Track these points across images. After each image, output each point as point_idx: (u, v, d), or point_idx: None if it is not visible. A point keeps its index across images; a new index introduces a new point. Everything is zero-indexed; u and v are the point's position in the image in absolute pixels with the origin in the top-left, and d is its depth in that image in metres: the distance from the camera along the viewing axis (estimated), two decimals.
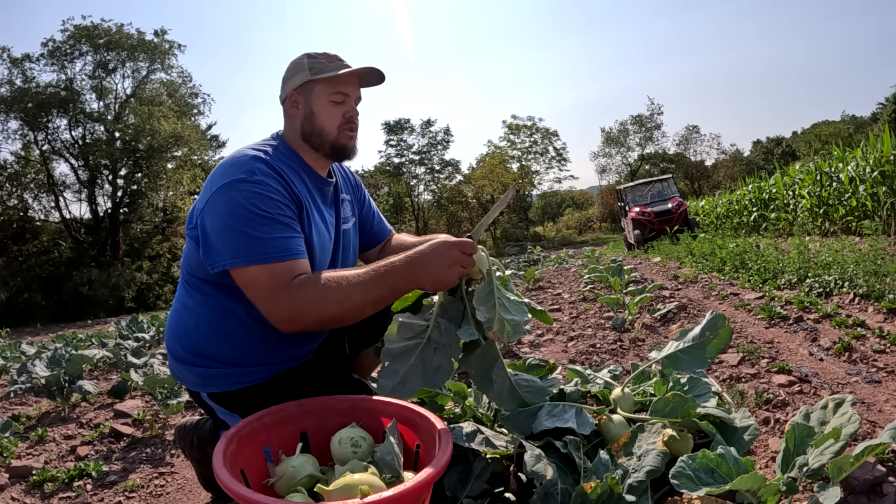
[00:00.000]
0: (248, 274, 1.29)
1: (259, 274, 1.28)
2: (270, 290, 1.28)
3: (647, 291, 3.86)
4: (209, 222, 1.33)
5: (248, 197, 1.30)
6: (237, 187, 1.31)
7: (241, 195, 1.30)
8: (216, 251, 1.31)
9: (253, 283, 1.29)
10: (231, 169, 1.35)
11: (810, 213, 10.39)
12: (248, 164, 1.36)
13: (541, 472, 1.13)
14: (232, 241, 1.29)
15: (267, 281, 1.28)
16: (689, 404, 1.31)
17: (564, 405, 1.37)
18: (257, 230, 1.29)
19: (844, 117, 48.43)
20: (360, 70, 1.48)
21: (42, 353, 4.53)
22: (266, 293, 1.28)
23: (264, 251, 1.28)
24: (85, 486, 1.89)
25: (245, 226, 1.28)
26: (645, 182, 16.40)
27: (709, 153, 51.20)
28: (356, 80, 1.51)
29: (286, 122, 1.54)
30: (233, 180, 1.32)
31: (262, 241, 1.28)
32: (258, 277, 1.28)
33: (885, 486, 1.18)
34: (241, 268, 1.29)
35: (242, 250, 1.28)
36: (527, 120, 45.67)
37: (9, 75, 21.77)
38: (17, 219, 22.17)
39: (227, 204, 1.30)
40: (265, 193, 1.32)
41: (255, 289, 1.30)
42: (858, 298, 3.21)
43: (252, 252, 1.28)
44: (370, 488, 0.99)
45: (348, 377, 1.59)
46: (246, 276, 1.30)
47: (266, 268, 1.28)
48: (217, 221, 1.31)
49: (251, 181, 1.32)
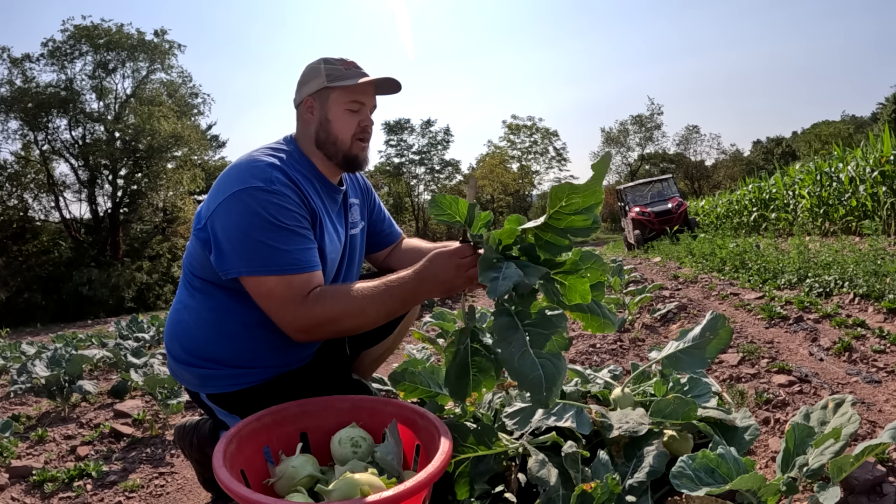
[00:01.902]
0: (265, 285, 1.29)
1: (276, 285, 1.28)
2: (287, 301, 1.28)
3: (647, 291, 3.86)
4: (222, 227, 1.31)
5: (266, 207, 1.29)
6: (254, 195, 1.30)
7: (259, 204, 1.29)
8: (230, 258, 1.30)
9: (269, 294, 1.29)
10: (247, 174, 1.33)
11: (810, 213, 10.39)
12: (266, 171, 1.34)
13: (545, 478, 1.13)
14: (248, 251, 1.28)
15: (284, 293, 1.28)
16: (689, 406, 1.30)
17: (565, 404, 1.37)
18: (276, 241, 1.28)
19: (844, 117, 48.41)
20: (378, 79, 1.48)
21: (42, 353, 4.53)
22: (283, 304, 1.28)
23: (284, 262, 1.28)
24: (85, 486, 1.89)
25: (263, 236, 1.28)
26: (645, 182, 16.41)
27: (709, 153, 51.22)
28: (372, 88, 1.51)
29: (300, 126, 1.53)
30: (249, 187, 1.31)
31: (280, 253, 1.28)
32: (275, 289, 1.28)
33: (885, 486, 1.18)
34: (256, 277, 1.29)
35: (259, 260, 1.27)
36: (527, 120, 45.71)
37: (9, 75, 21.75)
38: (17, 219, 22.16)
39: (244, 212, 1.29)
40: (283, 204, 1.31)
41: (270, 300, 1.29)
42: (858, 298, 3.21)
43: (271, 263, 1.27)
44: (370, 488, 0.99)
45: (348, 377, 1.59)
46: (262, 287, 1.29)
47: (284, 279, 1.28)
48: (232, 228, 1.30)
49: (269, 190, 1.31)
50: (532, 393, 1.03)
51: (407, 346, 2.70)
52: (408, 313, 1.72)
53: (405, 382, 1.51)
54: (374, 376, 2.07)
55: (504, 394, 1.67)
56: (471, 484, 1.27)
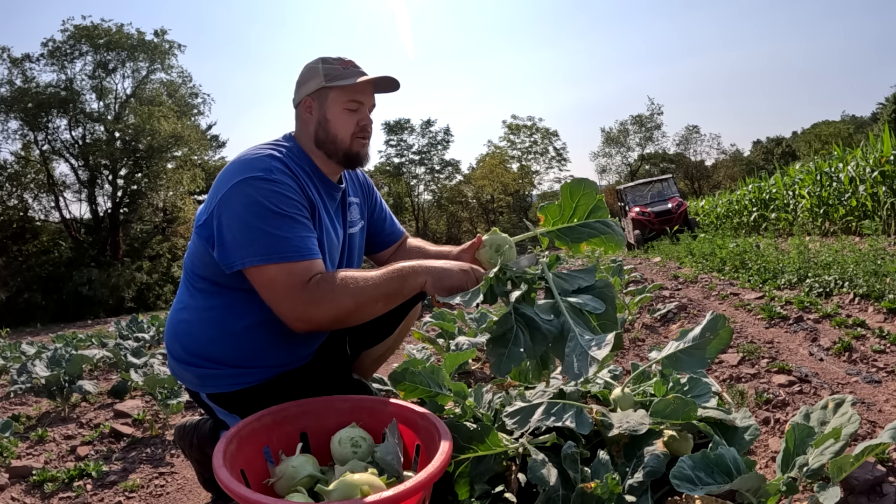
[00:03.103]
0: (267, 273, 1.28)
1: (278, 273, 1.28)
2: (288, 289, 1.27)
3: (647, 291, 3.86)
4: (225, 219, 1.31)
5: (266, 195, 1.29)
6: (254, 185, 1.30)
7: (259, 193, 1.29)
8: (233, 249, 1.30)
9: (270, 283, 1.29)
10: (246, 166, 1.34)
11: (810, 213, 10.39)
12: (265, 161, 1.35)
13: (545, 478, 1.13)
14: (250, 239, 1.28)
15: (286, 280, 1.27)
16: (689, 406, 1.30)
17: (564, 404, 1.37)
18: (277, 228, 1.28)
19: (844, 117, 48.39)
20: (376, 78, 1.48)
21: (42, 353, 4.52)
22: (284, 292, 1.28)
23: (284, 249, 1.27)
24: (85, 486, 1.89)
25: (264, 223, 1.28)
26: (645, 182, 16.41)
27: (709, 153, 51.06)
28: (371, 87, 1.51)
29: (299, 126, 1.53)
30: (249, 177, 1.31)
31: (281, 240, 1.28)
32: (276, 277, 1.28)
33: (885, 486, 1.18)
34: (259, 266, 1.28)
35: (261, 248, 1.27)
36: (527, 120, 45.66)
37: (9, 75, 21.74)
38: (17, 219, 22.15)
39: (244, 201, 1.29)
40: (282, 192, 1.31)
41: (272, 288, 1.29)
42: (858, 298, 3.21)
43: (272, 251, 1.27)
44: (370, 488, 0.99)
45: (348, 377, 1.59)
46: (264, 275, 1.29)
47: (285, 267, 1.27)
48: (234, 219, 1.30)
49: (268, 179, 1.31)
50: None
51: (407, 346, 2.70)
52: (409, 314, 1.72)
53: (405, 382, 1.51)
54: (374, 376, 2.07)
55: (504, 394, 1.67)
56: (471, 484, 1.27)
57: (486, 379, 2.54)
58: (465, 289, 1.29)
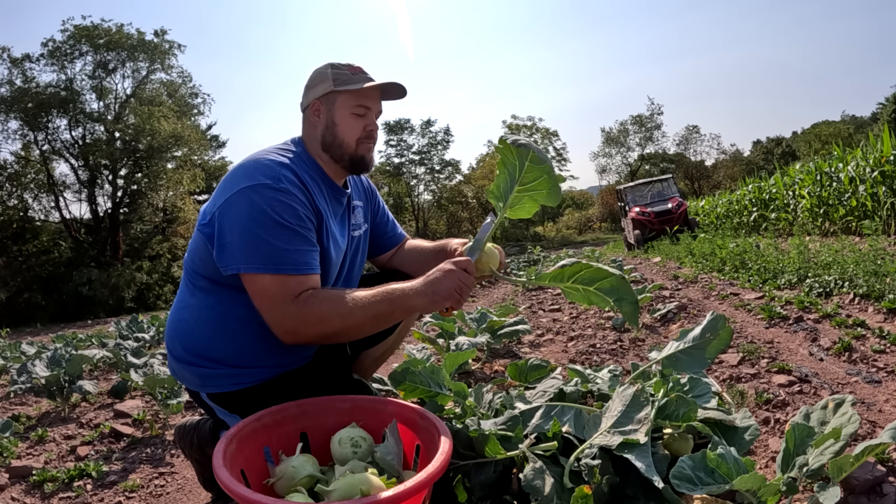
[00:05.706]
0: (261, 282, 1.29)
1: (271, 283, 1.29)
2: (279, 300, 1.28)
3: (647, 291, 3.86)
4: (227, 222, 1.31)
5: (272, 204, 1.30)
6: (261, 192, 1.30)
7: (265, 201, 1.30)
8: (231, 253, 1.30)
9: (262, 292, 1.30)
10: (256, 171, 1.34)
11: (810, 213, 10.39)
12: (275, 169, 1.35)
13: (539, 489, 1.12)
14: (250, 246, 1.28)
15: (277, 292, 1.28)
16: (689, 406, 1.30)
17: (564, 406, 1.37)
18: (277, 239, 1.29)
19: (844, 117, 48.43)
20: (384, 84, 1.49)
21: (42, 353, 4.52)
22: (273, 303, 1.29)
23: (281, 261, 1.28)
24: (85, 486, 1.89)
25: (266, 233, 1.28)
26: (645, 182, 16.40)
27: (709, 153, 51.17)
28: (378, 93, 1.52)
29: (306, 129, 1.54)
30: (257, 184, 1.31)
31: (280, 252, 1.28)
32: (268, 287, 1.29)
33: (885, 486, 1.18)
34: (253, 274, 1.29)
35: (259, 257, 1.28)
36: (527, 120, 45.72)
37: (9, 75, 21.76)
38: (17, 219, 22.15)
39: (249, 207, 1.29)
40: (288, 202, 1.32)
41: (263, 297, 1.30)
42: (858, 298, 3.21)
43: (268, 261, 1.28)
44: (370, 488, 0.99)
45: (348, 377, 1.59)
46: (257, 284, 1.30)
47: (279, 279, 1.29)
48: (237, 223, 1.30)
49: (276, 188, 1.31)
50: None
51: (407, 346, 2.70)
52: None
53: (405, 382, 1.51)
54: (374, 376, 2.07)
55: (504, 394, 1.66)
56: (470, 491, 1.27)
57: (486, 379, 2.54)
58: (460, 290, 1.30)
